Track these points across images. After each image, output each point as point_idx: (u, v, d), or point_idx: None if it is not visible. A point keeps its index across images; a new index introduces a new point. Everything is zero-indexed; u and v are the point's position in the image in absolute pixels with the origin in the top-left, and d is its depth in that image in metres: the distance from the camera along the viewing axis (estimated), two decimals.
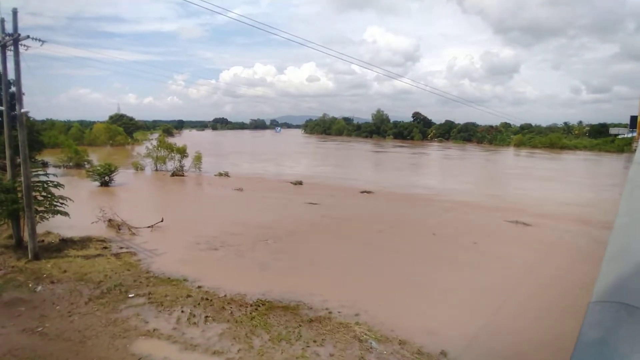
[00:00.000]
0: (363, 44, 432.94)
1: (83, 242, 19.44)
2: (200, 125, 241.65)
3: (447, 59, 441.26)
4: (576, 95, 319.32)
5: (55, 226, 20.97)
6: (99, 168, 36.21)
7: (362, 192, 34.60)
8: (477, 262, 17.96)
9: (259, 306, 12.90)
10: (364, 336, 11.22)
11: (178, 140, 74.46)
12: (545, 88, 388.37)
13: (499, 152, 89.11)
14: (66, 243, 19.39)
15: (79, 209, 24.67)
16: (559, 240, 21.91)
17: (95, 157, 53.34)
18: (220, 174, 42.69)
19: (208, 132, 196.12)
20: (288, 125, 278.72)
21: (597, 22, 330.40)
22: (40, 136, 49.55)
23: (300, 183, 38.43)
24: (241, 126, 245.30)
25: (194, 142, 79.30)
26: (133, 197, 31.26)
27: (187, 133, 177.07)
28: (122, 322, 12.16)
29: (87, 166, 45.17)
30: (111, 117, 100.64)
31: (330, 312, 12.71)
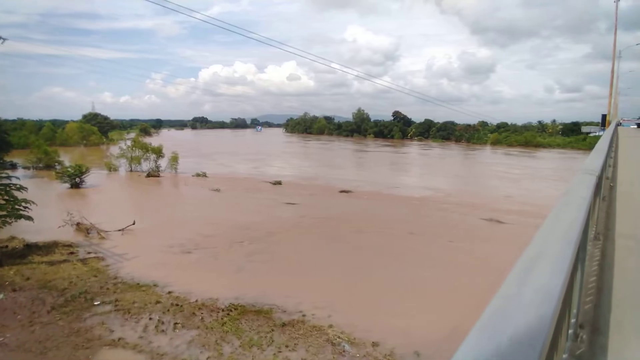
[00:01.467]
0: (344, 42, 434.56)
1: (49, 248, 18.63)
2: (179, 125, 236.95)
3: (426, 59, 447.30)
4: (550, 95, 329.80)
5: (21, 231, 20.05)
6: (69, 169, 34.92)
7: (341, 191, 34.52)
8: (452, 261, 18.07)
9: (231, 311, 12.59)
10: (337, 339, 11.07)
11: (156, 139, 72.67)
12: (521, 87, 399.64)
13: (479, 151, 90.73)
14: (31, 248, 18.56)
15: (46, 212, 23.75)
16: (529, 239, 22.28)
17: (68, 157, 51.49)
18: (198, 175, 41.86)
19: (187, 132, 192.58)
20: (269, 124, 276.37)
21: (571, 23, 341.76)
22: (9, 136, 47.60)
23: (279, 183, 38.06)
24: (221, 125, 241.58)
25: (173, 141, 77.73)
26: (105, 199, 30.27)
27: (165, 132, 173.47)
28: (86, 331, 11.66)
29: (58, 167, 43.54)
30: (85, 117, 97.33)
31: (304, 315, 12.51)
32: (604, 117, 41.32)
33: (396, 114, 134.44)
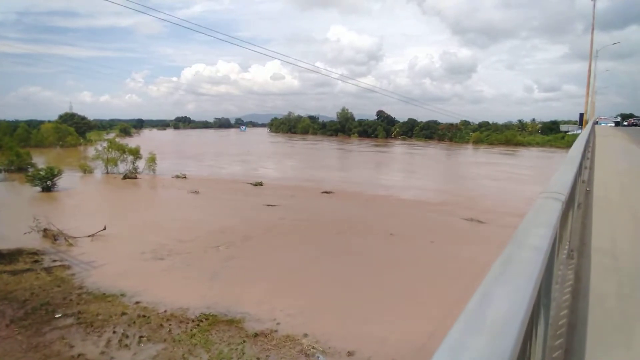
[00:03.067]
0: (326, 42, 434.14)
1: (12, 256, 17.63)
2: (162, 125, 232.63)
3: (409, 58, 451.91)
4: (529, 94, 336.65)
5: None
6: (40, 172, 33.53)
7: (323, 192, 34.10)
8: (432, 262, 17.86)
9: (202, 321, 12.02)
10: (311, 350, 10.63)
11: (136, 140, 70.55)
12: (501, 87, 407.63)
13: (463, 149, 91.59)
14: None
15: (13, 217, 22.73)
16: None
17: (42, 159, 49.59)
18: (177, 176, 40.84)
19: (169, 132, 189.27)
20: (253, 124, 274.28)
21: (548, 24, 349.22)
22: None
23: (260, 184, 37.40)
24: (205, 125, 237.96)
25: (153, 142, 75.94)
26: (77, 203, 29.07)
27: (147, 133, 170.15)
28: (45, 347, 10.96)
29: (30, 170, 41.80)
30: (61, 117, 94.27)
31: (278, 323, 12.03)
32: (581, 115, 41.97)
33: (380, 114, 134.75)
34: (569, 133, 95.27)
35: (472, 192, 36.11)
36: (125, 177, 40.42)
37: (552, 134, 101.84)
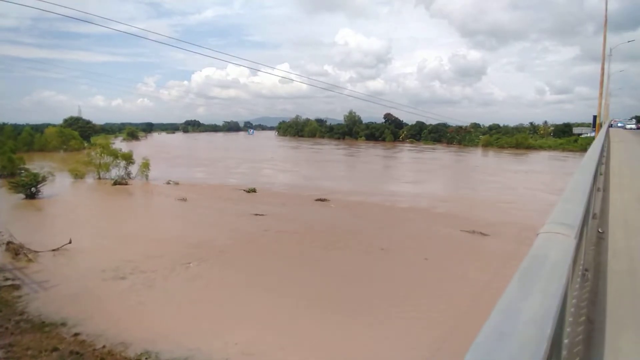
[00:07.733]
0: (335, 45, 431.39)
1: None
2: (172, 128, 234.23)
3: (418, 61, 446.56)
4: (540, 96, 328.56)
5: None
6: (23, 178, 32.46)
7: (317, 200, 32.32)
8: (425, 283, 15.98)
9: None
10: None
11: (143, 144, 69.48)
12: (512, 89, 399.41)
13: (472, 153, 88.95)
14: None
15: None
16: (517, 253, 20.18)
17: (42, 164, 48.67)
18: (169, 182, 39.47)
19: (178, 135, 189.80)
20: (262, 127, 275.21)
21: (558, 25, 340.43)
22: None
23: (253, 191, 35.78)
24: (214, 128, 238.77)
25: (158, 146, 75.16)
26: (56, 212, 27.76)
27: (155, 136, 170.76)
28: None
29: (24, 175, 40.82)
30: (66, 121, 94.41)
31: None
32: (594, 118, 39.52)
33: (387, 117, 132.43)
34: (582, 136, 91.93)
35: (475, 200, 33.94)
36: (116, 183, 39.17)
37: (564, 136, 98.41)
